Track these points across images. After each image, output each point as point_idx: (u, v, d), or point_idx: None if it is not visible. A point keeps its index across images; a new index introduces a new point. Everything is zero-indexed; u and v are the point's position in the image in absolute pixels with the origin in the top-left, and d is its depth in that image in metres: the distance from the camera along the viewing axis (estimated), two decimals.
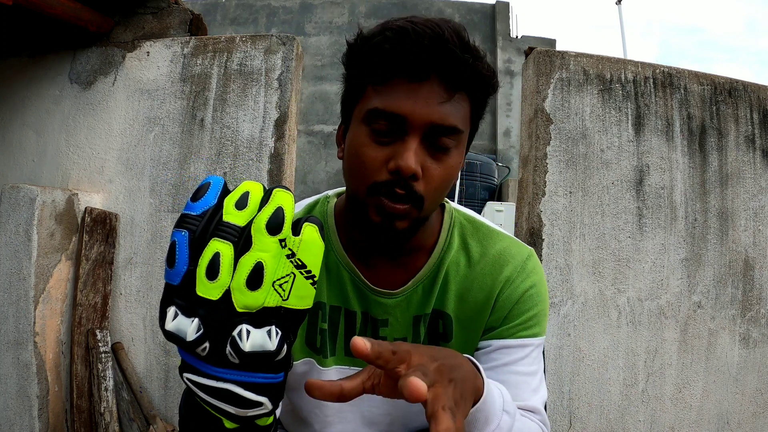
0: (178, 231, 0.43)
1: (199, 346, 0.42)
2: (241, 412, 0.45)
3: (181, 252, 0.43)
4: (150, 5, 2.22)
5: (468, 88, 0.65)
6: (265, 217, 0.42)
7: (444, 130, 0.63)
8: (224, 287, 0.41)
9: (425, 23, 0.62)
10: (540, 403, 0.73)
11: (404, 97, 0.62)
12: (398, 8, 7.25)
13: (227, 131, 2.08)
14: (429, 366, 0.49)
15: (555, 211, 1.99)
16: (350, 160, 0.67)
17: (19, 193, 1.86)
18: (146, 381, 2.06)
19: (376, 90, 0.64)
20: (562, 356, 1.95)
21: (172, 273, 0.43)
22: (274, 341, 0.42)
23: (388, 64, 0.62)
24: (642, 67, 2.10)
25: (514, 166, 6.43)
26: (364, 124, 0.65)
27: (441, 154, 0.65)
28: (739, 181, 2.11)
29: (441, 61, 0.61)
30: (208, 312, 0.42)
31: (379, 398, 0.78)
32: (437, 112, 0.62)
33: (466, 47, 0.63)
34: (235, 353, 0.41)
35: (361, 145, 0.65)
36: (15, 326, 1.84)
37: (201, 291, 0.42)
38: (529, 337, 0.74)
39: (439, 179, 0.65)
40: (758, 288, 2.08)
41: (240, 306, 0.41)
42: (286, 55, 2.08)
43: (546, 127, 2.02)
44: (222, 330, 0.42)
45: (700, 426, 2.02)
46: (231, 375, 0.43)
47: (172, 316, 0.43)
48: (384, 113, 0.63)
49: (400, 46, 0.61)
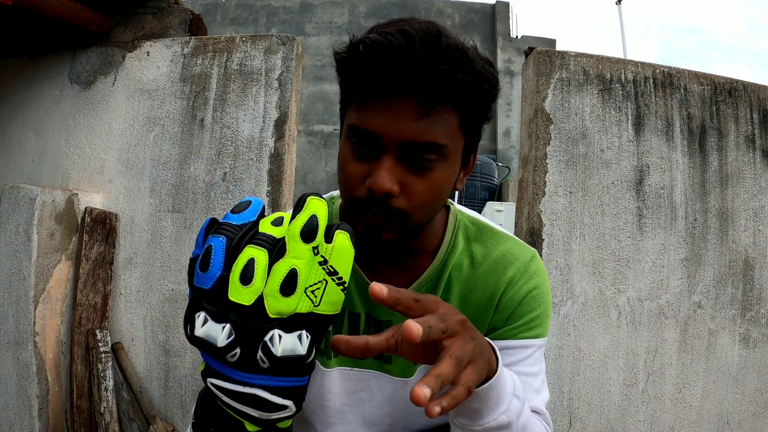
0: (216, 237, 0.43)
1: (230, 352, 0.42)
2: (265, 416, 0.45)
3: (216, 256, 0.43)
4: (150, 5, 2.22)
5: (450, 99, 0.60)
6: (300, 224, 0.43)
7: (421, 146, 0.60)
8: (257, 293, 0.42)
9: (398, 34, 0.58)
10: (542, 404, 0.73)
11: (378, 114, 0.60)
12: (398, 8, 7.25)
13: (227, 131, 2.08)
14: (452, 317, 0.48)
15: (555, 211, 1.99)
16: (338, 173, 0.67)
17: (19, 193, 1.86)
18: (146, 381, 2.06)
19: (356, 106, 0.63)
20: (562, 356, 1.95)
21: (204, 277, 0.43)
22: (305, 345, 0.43)
23: (361, 81, 0.60)
24: (642, 67, 2.10)
25: (514, 166, 6.43)
26: (347, 139, 0.64)
27: (423, 169, 0.62)
28: (739, 181, 2.11)
29: (412, 77, 0.58)
30: (240, 317, 0.42)
31: (380, 399, 0.78)
32: (411, 129, 0.59)
33: (443, 56, 0.58)
34: (266, 358, 0.42)
35: (344, 159, 0.64)
36: (15, 326, 1.84)
37: (233, 296, 0.42)
38: (531, 338, 0.74)
39: (424, 195, 0.63)
40: (758, 288, 2.08)
41: (273, 312, 0.42)
42: (286, 55, 2.08)
43: (546, 127, 2.02)
44: (253, 335, 0.42)
45: (700, 426, 2.02)
46: (259, 380, 0.43)
47: (202, 322, 0.43)
48: (360, 131, 0.61)
49: (371, 64, 0.59)
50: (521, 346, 0.74)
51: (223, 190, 2.05)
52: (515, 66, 6.93)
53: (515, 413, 0.59)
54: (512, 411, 0.59)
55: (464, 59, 0.60)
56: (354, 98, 0.63)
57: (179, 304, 2.04)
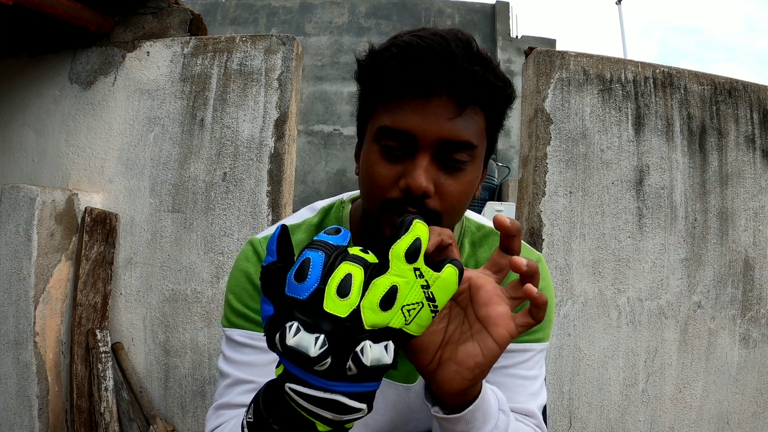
0: (314, 251, 0.45)
1: (321, 362, 0.43)
2: (338, 417, 0.46)
3: (314, 269, 0.44)
4: (150, 5, 2.22)
5: (480, 101, 0.62)
6: (405, 245, 0.45)
7: (456, 145, 0.62)
8: (353, 306, 0.43)
9: (432, 37, 0.60)
10: (537, 408, 0.73)
11: (413, 114, 0.61)
12: (398, 8, 7.24)
13: (227, 131, 2.08)
14: None
15: (555, 211, 1.99)
16: (363, 178, 0.67)
17: (19, 193, 1.86)
18: (146, 381, 2.06)
19: (385, 108, 0.63)
20: (562, 356, 1.95)
21: (300, 287, 0.44)
22: (390, 355, 0.44)
23: (395, 81, 0.61)
24: (642, 67, 2.10)
25: (514, 166, 6.43)
26: (375, 142, 0.64)
27: (455, 170, 0.63)
28: (739, 181, 2.11)
29: (449, 76, 0.59)
30: (334, 328, 0.43)
31: (382, 405, 0.79)
32: (447, 128, 0.61)
33: (475, 59, 0.61)
34: (355, 367, 0.43)
35: (373, 162, 0.64)
36: (15, 326, 1.84)
37: (329, 307, 0.43)
38: (530, 342, 0.74)
39: (455, 195, 0.63)
40: (758, 288, 2.08)
41: (369, 324, 0.43)
42: (286, 55, 2.08)
43: (546, 127, 2.02)
44: (345, 346, 0.43)
45: (700, 426, 2.02)
46: (342, 387, 0.44)
47: (294, 332, 0.43)
48: (393, 131, 0.62)
49: (406, 63, 0.60)
50: (520, 350, 0.73)
51: (223, 190, 2.05)
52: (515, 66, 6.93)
53: (503, 428, 0.60)
54: (500, 427, 0.59)
55: (491, 64, 0.63)
56: (382, 101, 0.63)
57: (179, 304, 2.04)
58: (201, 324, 2.02)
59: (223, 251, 2.03)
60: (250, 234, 2.01)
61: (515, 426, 0.63)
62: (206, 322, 2.02)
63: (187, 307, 2.04)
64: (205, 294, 2.03)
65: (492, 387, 0.62)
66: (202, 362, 2.02)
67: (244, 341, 0.73)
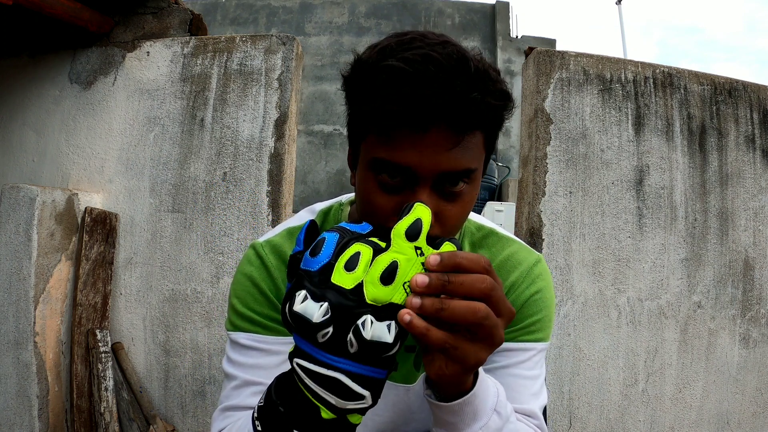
0: (331, 233, 0.49)
1: (323, 329, 0.45)
2: (341, 404, 0.47)
3: (327, 246, 0.48)
4: (150, 5, 2.22)
5: (479, 124, 0.60)
6: (405, 224, 0.48)
7: (455, 175, 0.60)
8: (358, 280, 0.46)
9: (425, 61, 0.56)
10: (538, 408, 0.73)
11: (410, 148, 0.57)
12: (398, 8, 7.24)
13: (227, 131, 2.08)
14: None
15: (555, 211, 1.99)
16: (362, 204, 0.65)
17: (19, 193, 1.86)
18: (146, 381, 2.06)
19: (378, 138, 0.59)
20: (562, 356, 1.95)
21: (312, 261, 0.48)
22: (392, 335, 0.46)
23: (386, 114, 0.57)
24: (642, 67, 2.10)
25: (514, 166, 6.43)
26: (370, 171, 0.61)
27: (455, 196, 0.61)
28: (739, 181, 2.11)
29: (446, 107, 0.56)
30: (338, 298, 0.46)
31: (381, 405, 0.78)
32: (446, 160, 0.58)
33: (473, 81, 0.56)
34: (355, 341, 0.45)
35: (370, 191, 0.62)
36: (15, 326, 1.84)
37: (336, 279, 0.46)
38: (531, 342, 0.74)
39: (456, 218, 0.63)
40: (758, 288, 2.08)
41: (370, 298, 0.46)
42: (286, 55, 2.08)
43: (546, 127, 2.02)
44: (347, 318, 0.46)
45: (700, 426, 2.02)
46: (344, 364, 0.46)
47: (302, 299, 0.46)
48: (390, 165, 0.59)
49: (400, 94, 0.56)
50: (521, 349, 0.73)
51: (223, 190, 2.05)
52: (515, 66, 6.93)
53: (493, 429, 0.59)
54: (491, 427, 0.59)
55: (490, 81, 0.59)
56: (374, 128, 0.60)
57: (179, 304, 2.04)
58: (201, 324, 2.02)
59: (223, 251, 2.03)
60: (250, 234, 2.01)
61: (513, 427, 0.63)
62: (206, 322, 2.02)
63: (187, 307, 2.04)
64: (205, 294, 2.03)
65: (498, 386, 0.62)
66: (202, 362, 2.02)
67: (250, 344, 0.73)
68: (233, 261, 2.02)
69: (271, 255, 0.76)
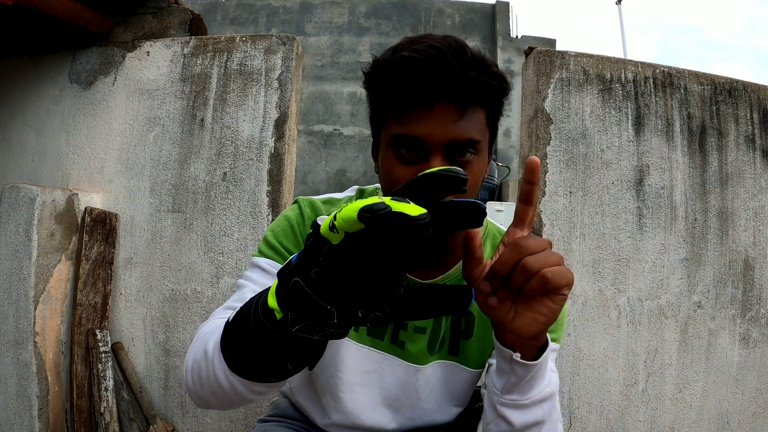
0: None
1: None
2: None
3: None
4: (150, 5, 2.22)
5: (479, 100, 0.71)
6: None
7: (462, 144, 0.71)
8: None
9: (429, 50, 0.67)
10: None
11: (420, 122, 0.69)
12: (398, 8, 7.24)
13: (227, 131, 2.08)
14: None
15: (555, 211, 1.99)
16: (384, 180, 0.77)
17: (19, 193, 1.86)
18: (146, 381, 2.06)
19: (395, 118, 0.72)
20: (562, 356, 1.95)
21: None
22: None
23: (400, 95, 0.70)
24: (642, 67, 2.10)
25: (514, 166, 6.43)
26: (390, 149, 0.74)
27: (464, 164, 0.72)
28: (739, 181, 2.11)
29: (448, 85, 0.68)
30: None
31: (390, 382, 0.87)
32: (452, 130, 0.69)
33: (470, 64, 0.69)
34: None
35: (391, 166, 0.74)
36: (15, 326, 1.84)
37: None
38: None
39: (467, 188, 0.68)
40: (758, 288, 2.08)
41: None
42: (286, 55, 2.08)
43: (546, 127, 2.02)
44: None
45: (700, 426, 2.02)
46: None
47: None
48: (405, 138, 0.71)
49: (409, 78, 0.68)
50: None
51: (223, 190, 2.05)
52: (515, 66, 6.93)
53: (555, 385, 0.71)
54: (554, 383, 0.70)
55: (485, 65, 0.71)
56: (391, 112, 0.73)
57: (179, 304, 2.04)
58: (201, 324, 2.02)
59: (223, 251, 2.03)
60: (250, 234, 2.01)
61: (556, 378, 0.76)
62: None
63: (187, 307, 2.04)
64: (205, 294, 2.03)
65: None
66: None
67: (269, 269, 0.82)
68: (233, 261, 2.02)
69: (308, 208, 0.89)
